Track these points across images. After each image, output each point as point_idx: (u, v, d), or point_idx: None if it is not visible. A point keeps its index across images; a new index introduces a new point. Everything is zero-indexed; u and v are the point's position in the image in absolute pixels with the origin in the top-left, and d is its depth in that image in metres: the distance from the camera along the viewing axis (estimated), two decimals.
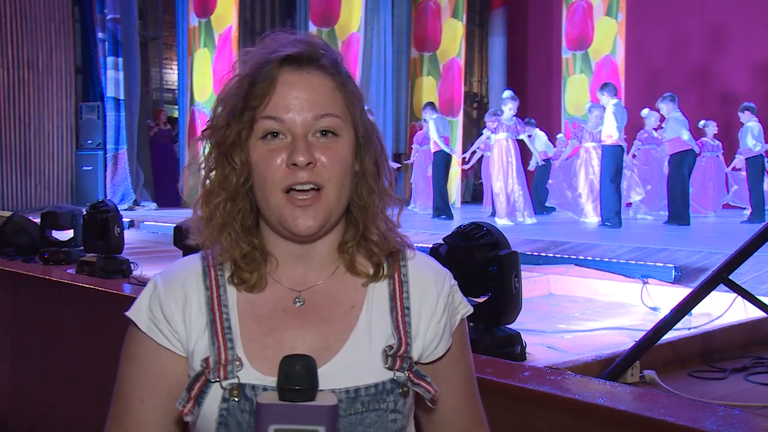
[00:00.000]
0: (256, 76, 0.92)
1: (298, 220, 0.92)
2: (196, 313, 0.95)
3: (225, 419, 0.89)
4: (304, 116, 0.92)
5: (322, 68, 0.94)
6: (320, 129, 0.92)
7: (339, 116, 0.94)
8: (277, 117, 0.91)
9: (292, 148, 0.91)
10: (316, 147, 0.92)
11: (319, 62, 0.94)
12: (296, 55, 0.93)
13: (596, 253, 4.34)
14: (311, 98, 0.92)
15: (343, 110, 0.95)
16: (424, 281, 1.01)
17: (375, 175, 0.98)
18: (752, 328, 2.46)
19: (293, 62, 0.93)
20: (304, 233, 0.93)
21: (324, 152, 0.92)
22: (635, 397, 1.50)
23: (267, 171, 0.92)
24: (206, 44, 10.15)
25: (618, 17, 10.41)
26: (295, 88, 0.92)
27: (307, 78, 0.93)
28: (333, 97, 0.94)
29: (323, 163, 0.92)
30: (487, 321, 1.93)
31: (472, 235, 1.98)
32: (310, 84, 0.93)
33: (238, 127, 0.93)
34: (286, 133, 0.92)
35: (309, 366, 0.80)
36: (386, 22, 11.77)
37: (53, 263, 3.67)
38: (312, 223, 0.92)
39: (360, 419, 0.91)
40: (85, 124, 9.68)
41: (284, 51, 0.93)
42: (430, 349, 0.98)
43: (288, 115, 0.91)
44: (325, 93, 0.93)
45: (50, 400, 3.31)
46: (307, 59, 0.94)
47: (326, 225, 0.94)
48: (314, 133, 0.92)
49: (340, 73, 0.96)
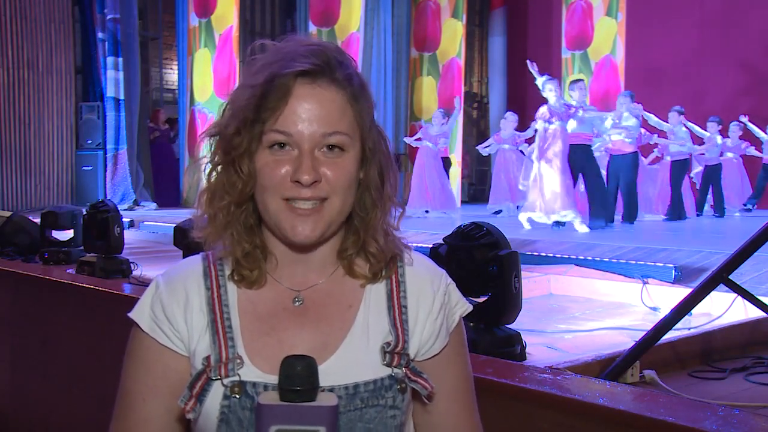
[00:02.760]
0: (269, 88, 0.91)
1: (297, 229, 0.92)
2: (197, 313, 0.96)
3: (226, 416, 0.91)
4: (312, 131, 0.91)
5: (336, 82, 0.94)
6: (327, 144, 0.93)
7: (347, 134, 0.94)
8: (285, 131, 0.91)
9: (298, 164, 0.91)
10: (321, 162, 0.92)
11: (333, 75, 0.94)
12: (311, 70, 0.92)
13: (596, 253, 4.33)
14: (321, 114, 0.92)
15: (351, 126, 0.94)
16: (421, 281, 1.01)
17: (378, 187, 0.98)
18: (752, 328, 2.46)
19: (307, 75, 0.92)
20: (302, 242, 0.94)
21: (330, 167, 0.92)
22: (635, 397, 1.50)
23: (269, 180, 0.92)
24: (206, 44, 10.15)
25: (618, 17, 10.40)
26: (306, 102, 0.92)
27: (320, 92, 0.92)
28: (343, 112, 0.94)
29: (328, 178, 0.92)
30: (487, 321, 1.94)
31: (472, 235, 1.98)
32: (321, 99, 0.92)
33: (248, 137, 0.93)
34: (293, 145, 0.92)
35: (310, 367, 0.80)
36: (386, 22, 11.73)
37: (53, 263, 3.67)
38: (310, 233, 0.93)
39: (359, 415, 0.92)
40: (85, 124, 9.67)
41: (299, 65, 0.92)
42: (427, 346, 0.99)
43: (296, 129, 0.91)
44: (335, 109, 0.93)
45: (50, 400, 3.31)
46: (321, 72, 0.93)
47: (325, 234, 0.95)
48: (321, 148, 0.92)
49: (352, 86, 0.95)
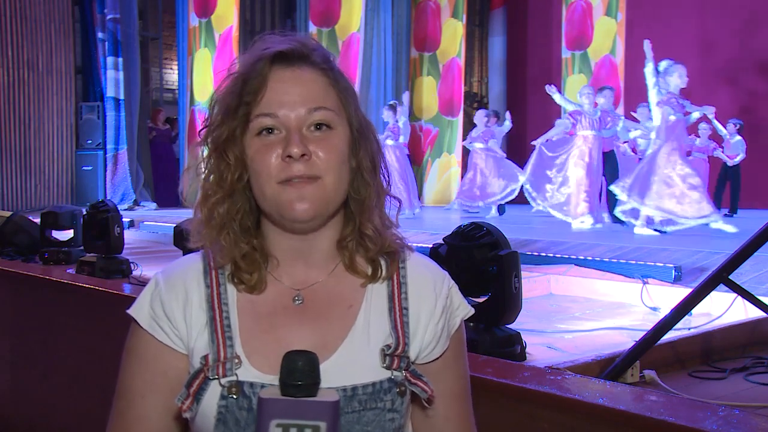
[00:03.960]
0: (248, 73, 0.93)
1: (295, 204, 0.92)
2: (196, 310, 0.96)
3: (223, 416, 0.90)
4: (297, 111, 0.92)
5: (314, 64, 0.95)
6: (314, 122, 0.93)
7: (332, 110, 0.94)
8: (271, 113, 0.92)
9: (287, 141, 0.92)
10: (310, 140, 0.92)
11: (311, 59, 0.95)
12: (287, 51, 0.94)
13: (596, 253, 4.32)
14: (303, 93, 0.93)
15: (336, 104, 0.95)
16: (423, 283, 1.01)
17: (371, 171, 0.98)
18: (752, 328, 2.46)
19: (284, 59, 0.94)
20: (302, 217, 0.92)
21: (319, 145, 0.93)
22: (635, 397, 1.49)
23: (262, 165, 0.92)
24: (206, 44, 10.15)
25: (617, 17, 10.41)
26: (287, 84, 0.93)
27: (299, 74, 0.94)
28: (326, 91, 0.95)
29: (319, 156, 0.92)
30: (487, 321, 1.93)
31: (472, 235, 1.98)
32: (302, 79, 0.94)
33: (233, 124, 0.94)
34: (280, 128, 0.93)
35: (311, 362, 0.80)
36: (386, 22, 11.73)
37: (53, 263, 3.67)
38: (308, 206, 0.92)
39: (357, 418, 0.91)
40: (85, 124, 9.68)
41: (275, 48, 0.94)
42: (428, 350, 0.99)
43: (281, 111, 0.92)
44: (317, 88, 0.94)
45: (50, 400, 3.31)
46: (298, 56, 0.95)
47: (324, 214, 0.94)
48: (308, 127, 0.93)
49: (332, 70, 0.97)
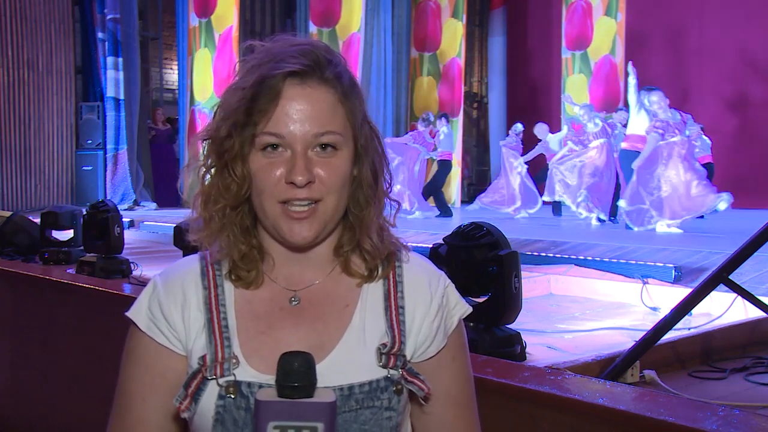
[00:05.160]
0: (259, 90, 0.91)
1: (294, 230, 0.93)
2: (194, 312, 0.96)
3: (221, 416, 0.91)
4: (304, 131, 0.92)
5: (326, 81, 0.94)
6: (320, 144, 0.93)
7: (339, 133, 0.94)
8: (277, 133, 0.92)
9: (292, 165, 0.91)
10: (315, 163, 0.92)
11: (323, 74, 0.94)
12: (299, 70, 0.92)
13: (596, 253, 4.33)
14: (312, 114, 0.92)
15: (343, 124, 0.95)
16: (419, 282, 1.01)
17: (372, 184, 0.98)
18: (752, 328, 2.46)
19: (296, 76, 0.92)
20: (300, 244, 0.95)
21: (323, 167, 0.93)
22: (635, 397, 1.50)
23: (265, 183, 0.93)
24: (206, 44, 10.14)
25: (617, 17, 10.41)
26: (297, 102, 0.92)
27: (310, 92, 0.93)
28: (334, 111, 0.94)
29: (321, 178, 0.92)
30: (487, 321, 1.94)
31: (472, 235, 1.98)
32: (311, 99, 0.92)
33: (240, 140, 0.93)
34: (286, 146, 0.92)
35: (308, 363, 0.80)
36: (386, 22, 11.74)
37: (53, 263, 3.67)
38: (307, 234, 0.94)
39: (355, 417, 0.92)
40: (85, 124, 9.68)
41: (288, 65, 0.92)
42: (423, 348, 0.99)
43: (288, 130, 0.91)
44: (326, 108, 0.93)
45: (50, 400, 3.31)
46: (311, 73, 0.93)
47: (321, 234, 0.96)
48: (313, 148, 0.93)
49: (342, 84, 0.95)
